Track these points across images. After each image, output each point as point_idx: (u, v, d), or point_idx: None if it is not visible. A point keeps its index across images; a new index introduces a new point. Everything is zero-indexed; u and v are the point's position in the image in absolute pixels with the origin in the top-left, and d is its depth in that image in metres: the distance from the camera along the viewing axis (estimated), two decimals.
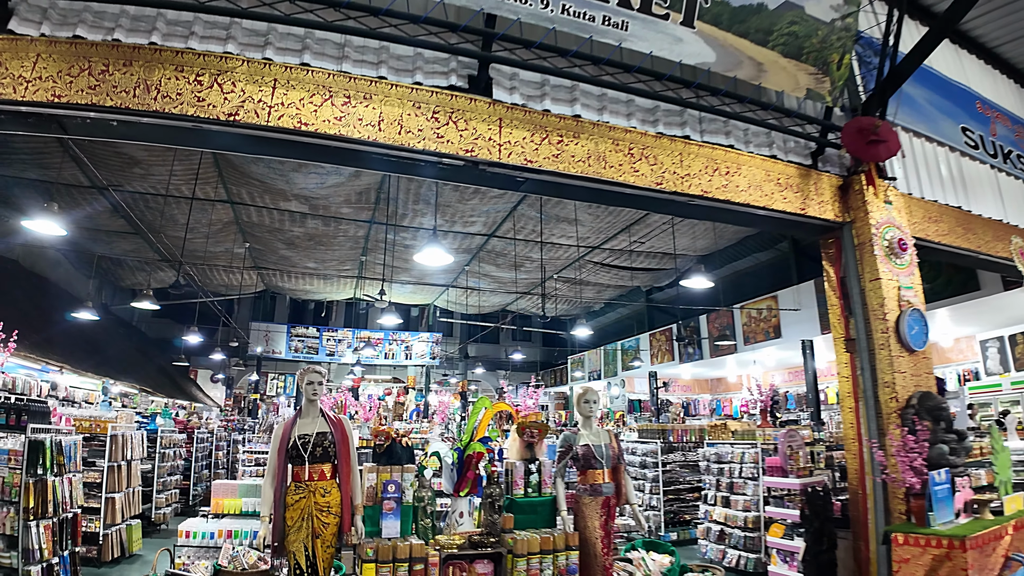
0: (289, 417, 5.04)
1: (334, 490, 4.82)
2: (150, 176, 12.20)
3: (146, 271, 17.07)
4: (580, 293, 18.68)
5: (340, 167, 11.59)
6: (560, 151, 5.15)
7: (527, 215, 13.78)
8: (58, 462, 6.42)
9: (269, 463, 4.88)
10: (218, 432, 15.11)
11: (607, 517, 5.42)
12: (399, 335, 21.15)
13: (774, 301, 14.60)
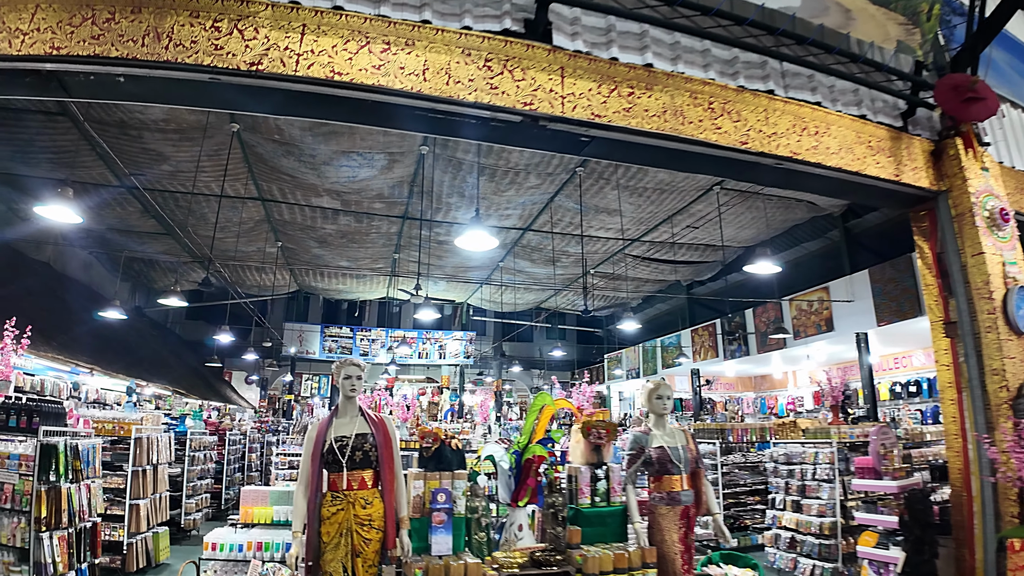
0: (324, 417, 4.29)
1: (376, 500, 4.07)
2: (179, 174, 11.65)
3: (178, 272, 16.56)
4: (618, 289, 17.82)
5: (372, 158, 10.97)
6: (632, 104, 4.35)
7: (564, 207, 13.00)
8: (74, 467, 5.77)
9: (301, 470, 4.13)
10: (251, 434, 14.49)
11: (687, 529, 4.62)
12: (432, 334, 20.44)
13: (825, 293, 13.63)
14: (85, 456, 5.97)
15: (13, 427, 5.66)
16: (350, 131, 10.10)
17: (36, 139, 10.60)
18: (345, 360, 4.31)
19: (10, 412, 5.71)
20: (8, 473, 5.53)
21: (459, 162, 11.19)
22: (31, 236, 13.39)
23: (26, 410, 5.67)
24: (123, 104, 9.37)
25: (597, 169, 11.44)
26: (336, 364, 4.31)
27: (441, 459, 4.40)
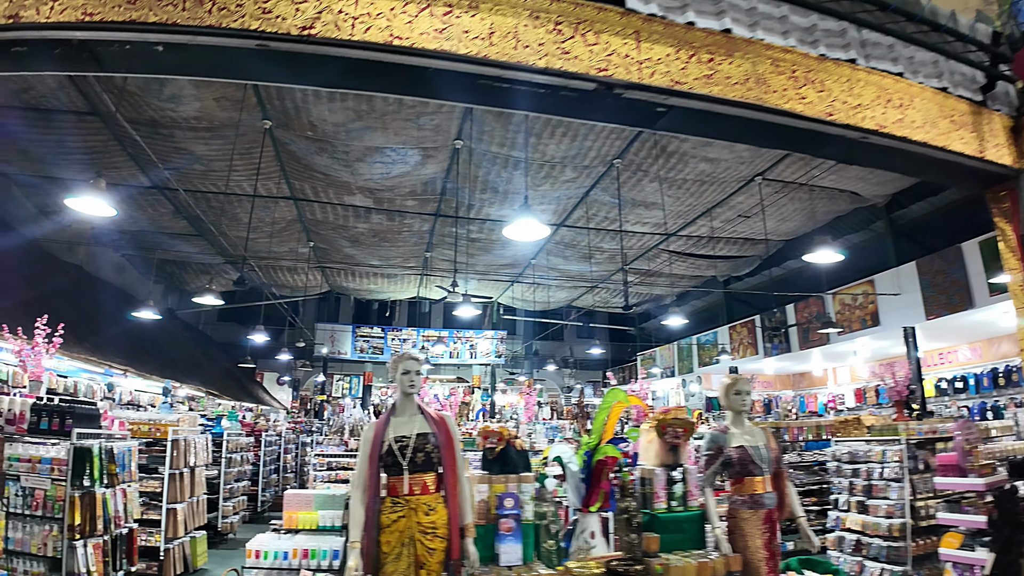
0: (381, 416, 3.90)
1: (440, 506, 3.66)
2: (211, 173, 11.39)
3: (210, 274, 16.34)
4: (653, 285, 17.32)
5: (406, 154, 10.61)
6: (713, 71, 3.92)
7: (600, 201, 12.56)
8: (109, 471, 5.44)
9: (357, 473, 3.74)
10: (286, 435, 14.18)
11: (770, 534, 4.21)
12: (463, 333, 20.07)
13: (870, 286, 13.07)
14: (120, 459, 5.63)
15: (45, 430, 5.35)
16: (383, 126, 9.77)
17: (66, 140, 10.37)
18: (403, 354, 3.91)
19: (42, 414, 5.39)
20: (39, 478, 5.22)
21: (493, 156, 10.80)
22: (63, 238, 13.22)
23: (58, 412, 5.34)
24: (154, 102, 9.11)
25: (635, 161, 11.00)
26: (393, 359, 3.92)
27: (507, 461, 4.00)
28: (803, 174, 11.48)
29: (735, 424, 4.43)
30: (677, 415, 4.40)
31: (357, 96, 9.05)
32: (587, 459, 4.08)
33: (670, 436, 4.21)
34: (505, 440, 4.05)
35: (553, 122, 9.70)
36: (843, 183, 11.87)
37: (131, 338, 12.39)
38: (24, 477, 5.22)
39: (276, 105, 9.40)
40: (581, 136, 10.12)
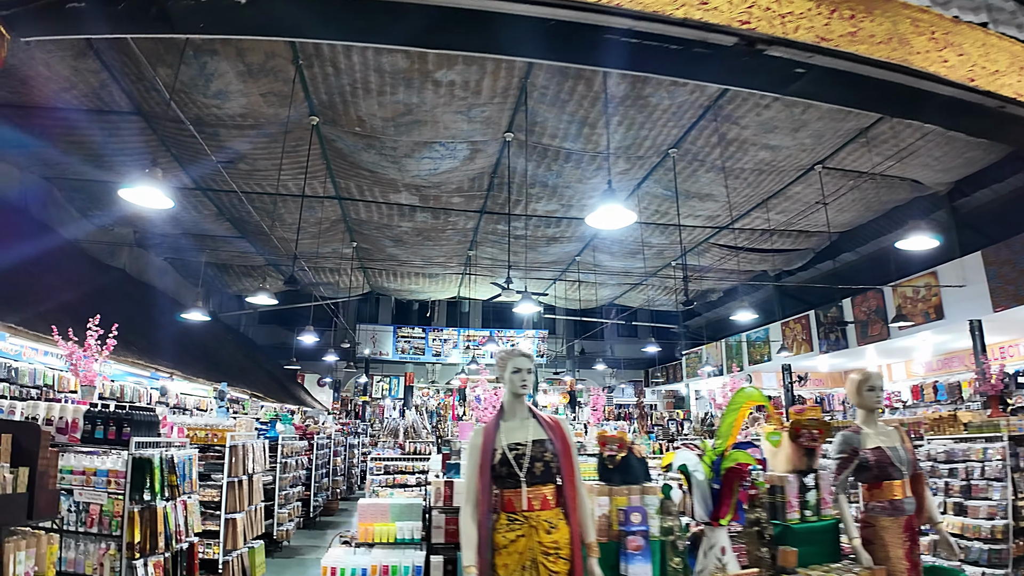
0: (488, 420, 3.39)
1: (561, 523, 3.14)
2: (255, 172, 11.05)
3: (253, 276, 16.04)
4: (700, 281, 16.67)
5: (455, 148, 10.15)
6: (856, 28, 3.36)
7: (652, 193, 11.99)
8: (170, 483, 5.01)
9: (467, 487, 3.24)
10: (336, 437, 13.76)
11: (911, 543, 3.71)
12: (504, 333, 19.58)
13: (933, 278, 12.34)
14: (181, 469, 5.20)
15: (100, 439, 4.88)
16: (433, 120, 9.33)
17: (109, 141, 10.06)
18: (512, 350, 3.42)
19: (96, 422, 4.91)
20: (95, 492, 4.76)
21: (544, 149, 10.30)
22: (105, 241, 12.97)
23: (115, 419, 4.89)
24: (200, 99, 8.75)
25: (692, 150, 10.44)
26: (501, 355, 3.44)
27: (628, 470, 3.48)
28: (865, 161, 10.85)
29: (867, 423, 3.94)
30: (812, 415, 3.83)
31: (407, 90, 8.63)
32: (715, 466, 3.55)
33: (806, 439, 3.68)
34: (627, 447, 3.53)
35: (609, 110, 9.19)
36: (907, 170, 11.18)
37: (177, 341, 12.07)
38: (78, 491, 4.79)
39: (324, 100, 9.00)
40: (637, 125, 9.60)
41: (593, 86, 8.65)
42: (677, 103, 9.14)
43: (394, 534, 4.76)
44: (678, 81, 8.56)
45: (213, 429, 6.39)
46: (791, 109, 9.25)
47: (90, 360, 5.44)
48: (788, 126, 9.74)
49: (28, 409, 5.10)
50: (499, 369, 3.43)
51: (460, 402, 17.81)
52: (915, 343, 13.46)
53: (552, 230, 13.55)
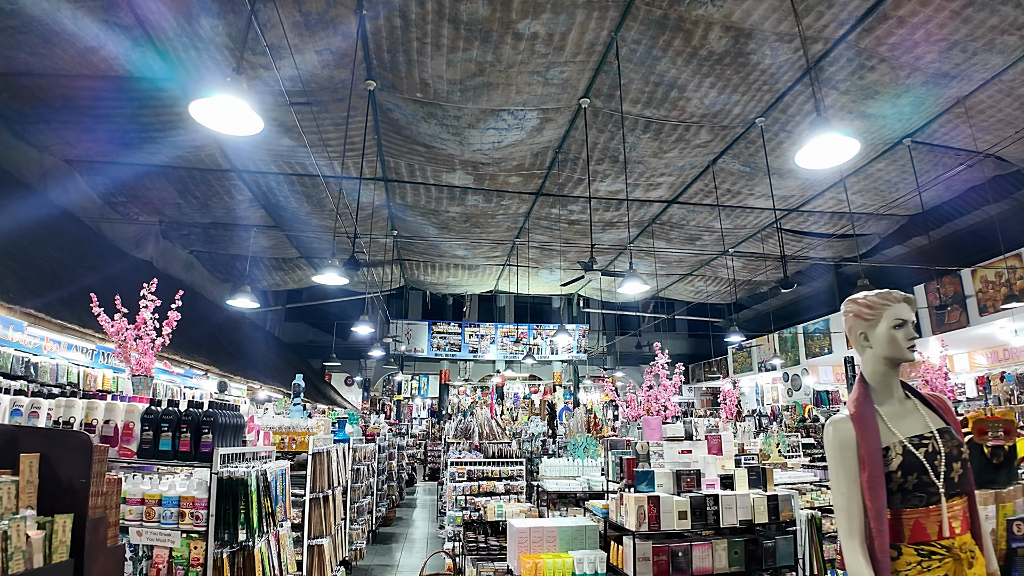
0: (855, 405, 2.10)
1: (978, 551, 1.95)
2: (299, 150, 9.73)
3: (283, 270, 14.70)
4: (756, 271, 15.43)
5: (524, 117, 8.90)
6: None
7: (727, 170, 10.76)
8: (266, 511, 3.65)
9: (846, 512, 1.98)
10: (389, 438, 12.40)
11: None
12: (543, 328, 18.24)
13: (1018, 260, 11.15)
14: (273, 490, 3.81)
15: (167, 451, 3.39)
16: (506, 82, 8.11)
17: (140, 114, 8.76)
18: (889, 294, 2.17)
19: (160, 427, 3.41)
20: (161, 529, 3.30)
21: (621, 117, 9.04)
22: (130, 234, 11.64)
23: (190, 422, 3.43)
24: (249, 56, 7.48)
25: (780, 120, 9.23)
26: (864, 304, 2.19)
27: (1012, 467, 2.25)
28: (958, 134, 9.67)
29: None
30: None
31: (483, 45, 7.38)
32: None
33: None
34: (1012, 433, 2.28)
35: (703, 70, 7.97)
36: (997, 146, 9.99)
37: (209, 337, 10.80)
38: (135, 529, 3.32)
39: (385, 60, 7.75)
40: (731, 88, 8.41)
41: (692, 39, 7.43)
42: (778, 63, 7.97)
43: (571, 568, 3.45)
44: (784, 36, 7.39)
45: (291, 433, 4.99)
46: (896, 72, 8.13)
47: (145, 342, 4.04)
48: (890, 92, 8.61)
49: (59, 410, 3.50)
50: (862, 323, 2.19)
51: (498, 400, 16.53)
52: (993, 331, 12.22)
53: (611, 214, 12.29)
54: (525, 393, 18.78)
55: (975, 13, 6.88)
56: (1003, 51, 7.56)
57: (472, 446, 7.88)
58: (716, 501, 3.47)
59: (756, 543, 3.54)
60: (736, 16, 6.97)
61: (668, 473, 3.60)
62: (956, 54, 7.64)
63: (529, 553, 3.53)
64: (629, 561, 3.32)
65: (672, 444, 3.80)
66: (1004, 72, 8.01)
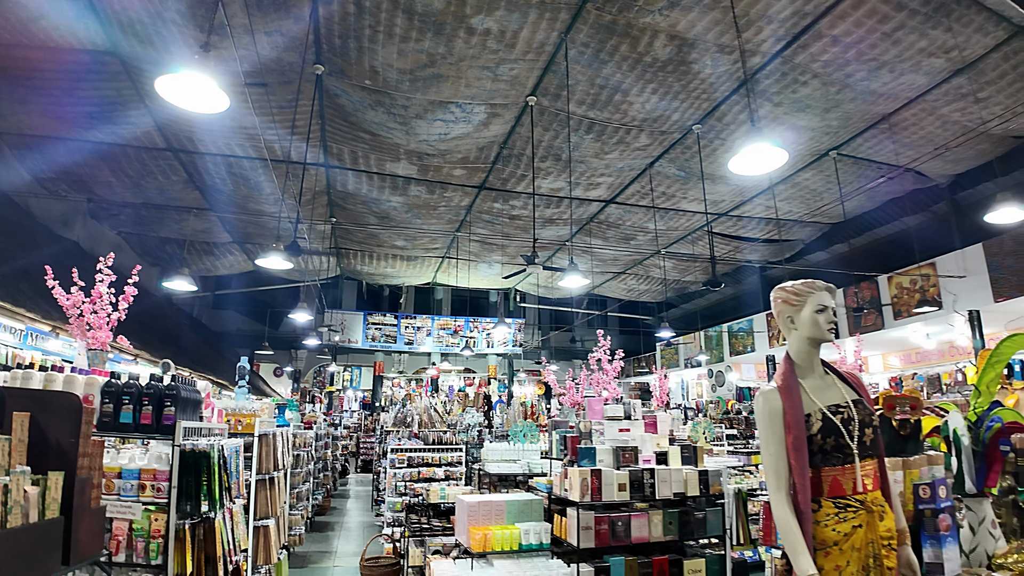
0: (780, 378, 2.44)
1: (888, 507, 2.33)
2: (240, 131, 9.61)
3: (215, 255, 14.39)
4: (685, 272, 16.08)
5: (472, 111, 9.10)
6: None
7: (663, 173, 11.24)
8: (224, 486, 3.73)
9: (775, 471, 2.31)
10: (324, 427, 12.34)
11: None
12: (480, 321, 18.42)
13: (932, 268, 12.10)
14: (229, 465, 3.91)
15: (127, 424, 3.41)
16: (456, 75, 8.28)
17: (77, 87, 8.50)
18: (813, 282, 2.53)
19: (122, 399, 3.43)
20: (121, 503, 3.34)
21: (567, 117, 9.36)
22: (58, 212, 11.22)
23: (152, 395, 3.49)
24: (193, 32, 7.39)
25: (716, 127, 9.75)
26: (794, 289, 2.54)
27: (919, 438, 2.67)
28: (881, 148, 10.45)
29: None
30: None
31: (436, 37, 7.54)
32: (978, 428, 2.78)
33: None
34: (920, 409, 2.69)
35: (646, 76, 8.37)
36: (917, 161, 10.84)
37: (139, 322, 10.49)
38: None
39: (336, 45, 7.80)
40: (672, 94, 8.82)
41: (638, 46, 7.81)
42: (717, 73, 8.43)
43: (518, 539, 3.69)
44: (724, 48, 7.86)
45: (237, 415, 5.04)
46: (827, 88, 8.75)
47: (101, 316, 4.05)
48: (821, 106, 9.23)
49: (15, 382, 3.41)
50: (789, 308, 2.53)
51: (433, 393, 16.65)
52: (906, 334, 13.22)
53: (551, 210, 12.62)
54: (460, 386, 18.96)
55: (905, 36, 7.44)
56: (929, 72, 8.21)
57: (411, 434, 8.03)
58: (652, 475, 3.80)
59: (688, 514, 3.90)
60: (681, 26, 7.35)
61: (609, 449, 3.91)
62: (884, 74, 8.25)
63: (479, 526, 3.76)
64: (572, 530, 3.60)
65: (612, 423, 4.12)
66: (928, 92, 8.68)
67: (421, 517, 6.05)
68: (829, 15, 7.24)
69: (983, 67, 8.04)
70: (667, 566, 3.76)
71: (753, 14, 7.22)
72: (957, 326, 12.17)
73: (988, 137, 10.03)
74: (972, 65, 8.00)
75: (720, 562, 3.92)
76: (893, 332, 12.97)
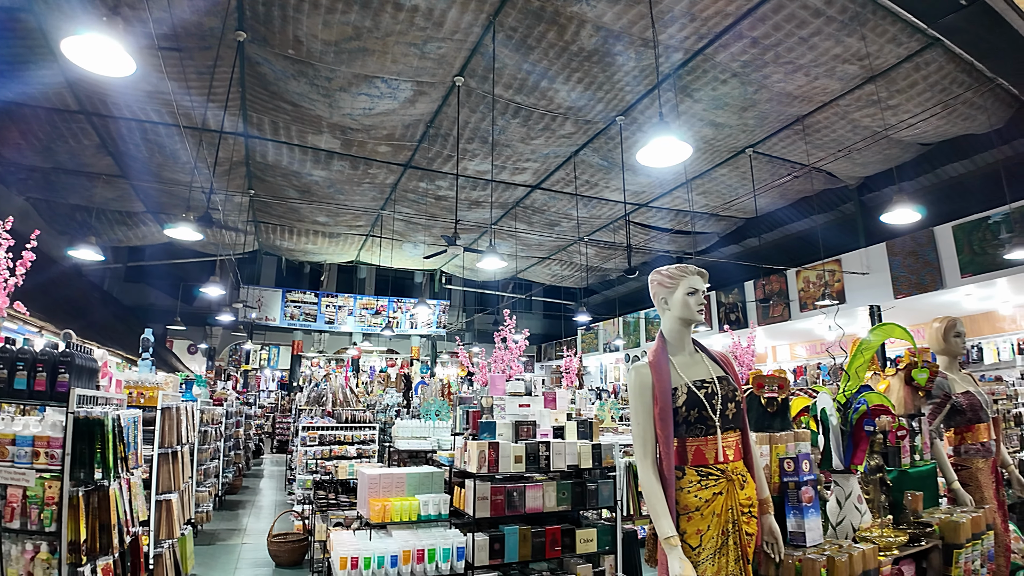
0: (653, 355, 2.63)
1: (749, 476, 2.53)
2: (158, 95, 9.23)
3: (127, 225, 13.80)
4: (606, 260, 16.47)
5: (398, 87, 9.05)
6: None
7: (587, 162, 11.49)
8: (120, 455, 3.70)
9: (642, 440, 2.49)
10: (236, 406, 12.05)
11: (997, 484, 3.74)
12: (404, 302, 18.31)
13: (837, 265, 12.86)
14: (127, 435, 3.87)
15: (22, 391, 3.39)
16: (382, 50, 8.21)
17: None
18: (686, 266, 2.71)
19: (16, 365, 3.39)
20: (15, 470, 3.28)
21: (492, 100, 9.44)
22: None
23: (46, 361, 3.47)
24: None
25: (639, 120, 10.04)
26: (668, 273, 2.72)
27: (786, 416, 2.93)
28: (794, 149, 10.99)
29: (950, 370, 3.92)
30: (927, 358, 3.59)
31: (363, 10, 7.46)
32: (848, 409, 3.09)
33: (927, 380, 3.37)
34: (787, 389, 2.94)
35: (573, 64, 8.53)
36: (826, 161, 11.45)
37: (44, 293, 10.04)
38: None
39: (259, 12, 7.61)
40: (596, 85, 9.03)
41: (565, 34, 7.94)
42: (641, 66, 8.67)
43: (417, 510, 3.80)
44: (648, 42, 8.09)
45: (140, 387, 4.94)
46: (746, 88, 9.11)
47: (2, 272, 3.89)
48: (739, 105, 9.61)
49: None
50: (663, 290, 2.71)
51: (354, 373, 16.49)
52: (811, 325, 13.99)
53: (477, 193, 12.69)
54: (382, 367, 18.86)
55: (821, 42, 7.83)
56: (843, 78, 8.66)
57: (325, 412, 8.01)
58: (548, 448, 3.99)
59: (582, 485, 4.10)
60: (607, 18, 7.51)
61: (508, 424, 4.07)
62: (800, 77, 8.66)
63: (379, 497, 3.85)
64: (470, 501, 3.74)
65: (513, 399, 4.29)
66: (841, 97, 9.18)
67: (329, 493, 6.09)
68: (750, 17, 7.52)
69: (895, 76, 8.51)
70: (559, 535, 3.96)
71: (677, 11, 7.44)
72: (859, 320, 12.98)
73: (897, 143, 10.69)
74: (884, 73, 8.47)
75: (611, 531, 4.15)
76: (799, 323, 13.71)
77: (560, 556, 4.03)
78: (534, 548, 3.90)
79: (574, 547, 4.04)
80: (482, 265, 7.18)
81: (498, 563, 3.79)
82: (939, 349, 3.97)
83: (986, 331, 12.79)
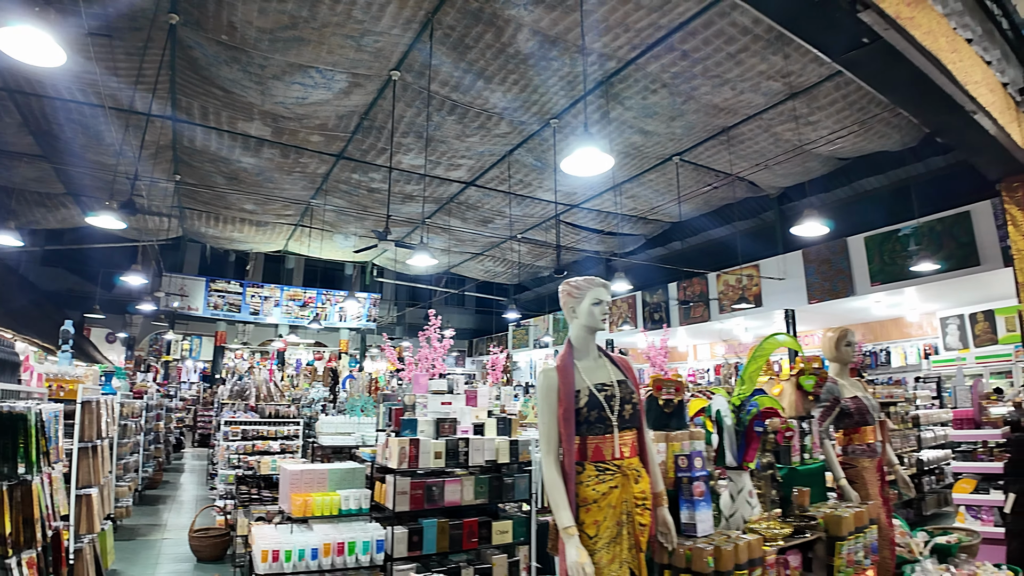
0: (561, 359, 2.83)
1: (644, 472, 2.76)
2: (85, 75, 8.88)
3: (47, 207, 13.18)
4: (538, 257, 16.76)
5: (333, 78, 9.02)
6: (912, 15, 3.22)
7: (521, 161, 11.71)
8: (42, 449, 3.65)
9: (547, 437, 2.70)
10: (157, 399, 11.67)
11: (882, 482, 4.12)
12: (333, 294, 18.10)
13: (755, 270, 13.51)
14: (48, 430, 3.83)
15: None
16: (319, 40, 8.18)
17: None
18: (592, 279, 2.92)
19: None
20: None
21: (429, 96, 9.52)
22: None
23: None
24: None
25: (572, 124, 10.29)
26: (576, 284, 2.92)
27: (682, 416, 3.19)
28: (719, 158, 11.48)
29: (840, 376, 4.26)
30: (818, 365, 3.93)
31: None
32: (741, 411, 3.38)
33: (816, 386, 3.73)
34: (684, 390, 3.19)
35: (509, 66, 8.69)
36: (748, 171, 12.00)
37: None
38: None
39: None
40: (531, 88, 9.24)
41: (502, 36, 8.09)
42: (575, 72, 8.90)
43: (338, 505, 3.90)
44: (584, 49, 8.32)
45: (59, 380, 4.82)
46: (674, 98, 9.46)
47: None
48: (667, 114, 9.96)
49: None
50: (572, 300, 2.90)
51: (279, 366, 16.22)
52: (730, 326, 14.63)
53: (411, 187, 12.72)
54: (309, 360, 18.60)
55: (748, 58, 8.22)
56: (767, 94, 9.11)
57: (248, 407, 7.94)
58: (467, 444, 4.16)
59: (499, 480, 4.30)
60: (544, 23, 7.69)
61: (430, 421, 4.22)
62: (727, 90, 9.06)
63: (301, 492, 3.94)
64: (390, 495, 3.87)
65: (435, 396, 4.44)
66: (765, 111, 9.65)
67: (252, 488, 6.09)
68: (681, 31, 7.83)
69: (816, 93, 9.02)
70: (476, 527, 4.15)
71: (612, 20, 7.68)
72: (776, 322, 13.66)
73: (816, 156, 11.30)
74: (806, 91, 8.97)
75: (526, 523, 4.37)
76: (717, 324, 14.32)
77: (477, 547, 4.22)
78: (452, 540, 4.07)
79: (491, 538, 4.23)
80: (412, 262, 7.28)
81: (417, 555, 3.94)
82: (831, 357, 4.32)
83: (894, 336, 13.68)
